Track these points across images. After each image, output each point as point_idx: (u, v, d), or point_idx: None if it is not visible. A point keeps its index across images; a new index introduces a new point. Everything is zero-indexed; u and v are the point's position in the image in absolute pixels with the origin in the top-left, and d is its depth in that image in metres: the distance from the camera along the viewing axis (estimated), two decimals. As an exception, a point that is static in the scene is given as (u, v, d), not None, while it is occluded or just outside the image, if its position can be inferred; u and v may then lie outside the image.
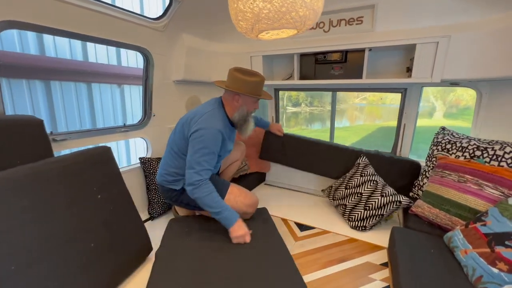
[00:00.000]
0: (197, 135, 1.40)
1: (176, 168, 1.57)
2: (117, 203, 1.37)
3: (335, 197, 2.07)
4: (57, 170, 1.12)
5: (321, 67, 2.08)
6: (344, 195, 1.98)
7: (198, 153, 1.39)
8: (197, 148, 1.39)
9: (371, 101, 10.40)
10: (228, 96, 1.54)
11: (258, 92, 1.50)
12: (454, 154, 1.65)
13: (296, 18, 0.77)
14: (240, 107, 1.52)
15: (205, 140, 1.39)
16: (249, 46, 2.25)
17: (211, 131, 1.40)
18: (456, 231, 1.32)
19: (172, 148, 1.57)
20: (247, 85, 1.45)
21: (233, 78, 1.48)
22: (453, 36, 1.54)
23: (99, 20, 1.49)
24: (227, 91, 1.52)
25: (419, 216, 1.62)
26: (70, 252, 1.08)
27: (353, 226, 1.84)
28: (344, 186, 2.02)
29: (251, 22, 0.80)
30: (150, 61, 1.91)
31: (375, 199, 1.79)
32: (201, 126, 1.40)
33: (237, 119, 1.55)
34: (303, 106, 10.59)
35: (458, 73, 1.60)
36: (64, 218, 1.09)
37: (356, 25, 1.86)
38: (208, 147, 1.40)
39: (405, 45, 1.72)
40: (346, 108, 11.36)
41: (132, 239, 1.40)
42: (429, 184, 1.64)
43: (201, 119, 1.43)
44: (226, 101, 1.55)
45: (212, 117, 1.45)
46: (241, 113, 1.53)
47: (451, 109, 9.03)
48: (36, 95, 2.56)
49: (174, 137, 1.58)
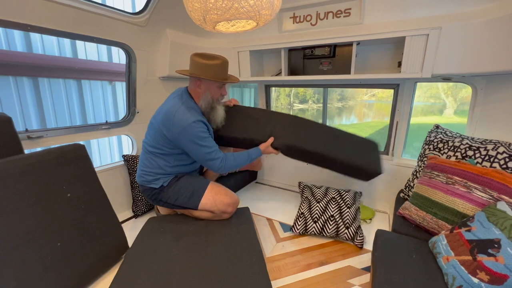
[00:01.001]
0: (185, 134, 1.38)
1: (153, 167, 1.55)
2: (89, 202, 1.36)
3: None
4: (19, 168, 1.10)
5: (310, 62, 2.00)
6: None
7: (200, 146, 1.41)
8: (196, 146, 1.40)
9: (380, 97, 10.17)
10: (191, 82, 1.49)
11: (221, 76, 1.42)
12: (446, 154, 1.55)
13: (247, 7, 0.71)
14: (204, 94, 1.45)
15: (194, 135, 1.38)
16: (236, 41, 2.19)
17: (192, 126, 1.37)
18: (440, 235, 1.24)
19: (147, 149, 1.55)
20: (208, 69, 1.37)
21: (193, 63, 1.40)
22: (444, 27, 1.43)
23: (75, 15, 1.46)
24: (191, 78, 1.47)
25: (407, 219, 1.54)
26: (32, 252, 1.06)
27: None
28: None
29: (201, 12, 0.75)
30: (132, 57, 1.88)
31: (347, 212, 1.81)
32: (183, 126, 1.36)
33: (204, 108, 1.49)
34: (310, 103, 10.47)
35: (450, 68, 1.50)
36: (26, 217, 1.08)
37: (344, 18, 1.77)
38: (201, 136, 1.40)
39: (395, 38, 1.62)
40: (355, 105, 11.15)
41: (105, 238, 1.38)
42: (417, 185, 1.55)
43: (175, 119, 1.37)
44: (191, 90, 1.51)
45: (186, 111, 1.39)
46: (205, 100, 1.46)
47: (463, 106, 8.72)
48: (23, 92, 2.58)
49: (149, 137, 1.55)
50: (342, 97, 10.51)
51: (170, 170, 1.56)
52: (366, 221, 1.94)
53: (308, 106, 10.64)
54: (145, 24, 1.82)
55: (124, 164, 2.00)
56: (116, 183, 1.97)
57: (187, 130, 1.37)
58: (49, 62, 2.74)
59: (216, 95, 1.49)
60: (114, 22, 1.64)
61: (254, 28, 0.98)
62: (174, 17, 1.94)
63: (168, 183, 1.56)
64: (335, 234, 1.71)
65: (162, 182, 1.56)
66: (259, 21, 0.84)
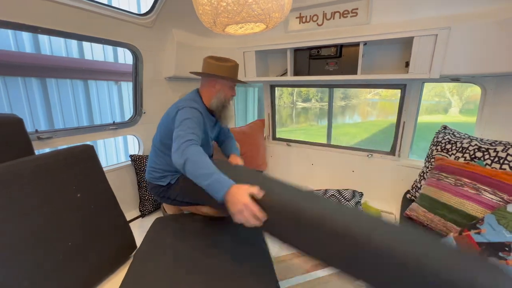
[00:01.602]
0: (177, 115, 1.35)
1: (161, 164, 1.57)
2: (99, 202, 1.37)
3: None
4: (30, 169, 1.11)
5: (316, 62, 1.99)
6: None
7: (181, 125, 1.26)
8: (178, 123, 1.28)
9: (384, 96, 10.10)
10: (204, 82, 1.54)
11: (234, 76, 1.51)
12: (454, 155, 1.54)
13: (258, 10, 0.71)
14: (218, 93, 1.51)
15: (184, 114, 1.32)
16: (242, 41, 2.19)
17: (187, 108, 1.37)
18: (449, 238, 1.24)
19: (156, 145, 1.58)
20: (223, 69, 1.45)
21: (208, 65, 1.48)
22: (454, 27, 1.42)
23: (82, 17, 1.47)
24: (204, 78, 1.53)
25: (414, 220, 1.53)
26: (44, 252, 1.08)
27: None
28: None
29: (212, 15, 0.75)
30: (139, 57, 1.89)
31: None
32: (178, 107, 1.39)
33: (215, 105, 1.52)
34: (313, 102, 10.44)
35: (459, 68, 1.48)
36: (37, 217, 1.09)
37: (351, 18, 1.76)
38: (189, 117, 1.30)
39: (403, 39, 1.61)
40: (358, 104, 11.09)
41: (114, 238, 1.39)
42: (425, 186, 1.54)
43: (179, 103, 1.44)
44: (203, 89, 1.55)
45: (188, 100, 1.45)
46: (219, 98, 1.51)
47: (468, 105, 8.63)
48: (32, 92, 2.61)
49: (158, 134, 1.58)
50: (345, 96, 10.46)
51: (175, 168, 1.57)
52: None
53: (311, 104, 10.61)
54: (152, 25, 1.83)
55: (131, 164, 2.02)
56: (124, 182, 1.99)
57: (180, 112, 1.35)
58: (56, 62, 2.77)
59: (228, 95, 1.55)
60: (121, 23, 1.65)
61: (263, 31, 0.98)
62: (181, 18, 1.95)
63: (175, 181, 1.57)
64: None
65: (169, 179, 1.57)
66: (269, 24, 0.84)
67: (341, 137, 8.53)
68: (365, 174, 2.25)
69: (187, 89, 2.43)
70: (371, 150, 2.22)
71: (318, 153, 2.44)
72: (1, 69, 2.36)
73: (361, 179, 2.28)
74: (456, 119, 8.61)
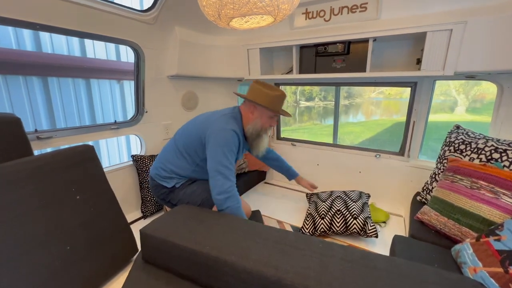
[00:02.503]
0: (216, 137, 1.32)
1: (174, 165, 1.51)
2: (99, 204, 1.33)
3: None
4: (28, 171, 1.08)
5: (322, 59, 1.93)
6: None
7: (222, 156, 1.29)
8: (220, 151, 1.30)
9: (389, 95, 9.97)
10: (245, 107, 1.47)
11: (275, 106, 1.42)
12: (468, 156, 1.47)
13: (266, 1, 0.65)
14: (255, 120, 1.44)
15: (224, 141, 1.32)
16: (246, 38, 2.13)
17: (228, 132, 1.33)
18: (465, 244, 1.17)
19: (177, 145, 1.51)
20: (265, 97, 1.38)
21: (252, 89, 1.43)
22: (470, 21, 1.34)
23: (82, 13, 1.42)
24: (245, 102, 1.47)
25: (426, 224, 1.47)
26: (42, 256, 1.04)
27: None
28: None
29: (216, 7, 0.70)
30: (141, 55, 1.84)
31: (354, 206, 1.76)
32: (218, 127, 1.34)
33: (250, 132, 1.46)
34: (316, 101, 10.34)
35: (475, 65, 1.41)
36: (35, 220, 1.06)
37: (360, 13, 1.69)
38: (229, 146, 1.32)
39: (415, 34, 1.54)
40: (362, 103, 10.97)
41: (115, 241, 1.36)
42: (437, 189, 1.47)
43: (217, 121, 1.38)
44: (244, 111, 1.48)
45: (229, 119, 1.40)
46: (255, 126, 1.45)
47: (475, 104, 8.49)
48: (33, 91, 2.58)
49: (183, 133, 1.51)
50: (349, 95, 10.35)
51: (188, 173, 1.51)
52: (380, 224, 1.87)
53: (314, 103, 10.51)
54: (154, 22, 1.78)
55: (133, 164, 1.98)
56: (125, 183, 1.95)
57: (221, 133, 1.32)
58: (58, 61, 2.73)
59: (266, 124, 1.47)
60: (122, 20, 1.60)
61: (270, 24, 0.93)
62: (183, 15, 1.90)
63: (180, 185, 1.52)
64: (344, 228, 1.66)
65: (175, 182, 1.51)
66: (277, 17, 0.78)
67: (345, 136, 8.43)
68: (372, 175, 2.19)
69: (190, 88, 2.39)
70: (379, 150, 2.15)
71: (324, 153, 2.38)
72: (2, 68, 2.34)
73: (368, 180, 2.21)
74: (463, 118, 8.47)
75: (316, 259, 0.91)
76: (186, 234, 1.07)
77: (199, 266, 0.99)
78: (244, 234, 1.06)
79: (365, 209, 1.75)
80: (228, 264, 0.91)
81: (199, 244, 1.01)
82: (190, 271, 1.03)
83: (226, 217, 1.21)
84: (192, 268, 1.02)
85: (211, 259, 0.95)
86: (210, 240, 1.02)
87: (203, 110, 2.56)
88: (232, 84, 2.60)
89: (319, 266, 0.87)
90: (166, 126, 2.24)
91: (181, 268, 1.06)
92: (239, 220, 1.18)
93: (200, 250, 0.98)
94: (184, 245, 1.02)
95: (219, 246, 0.98)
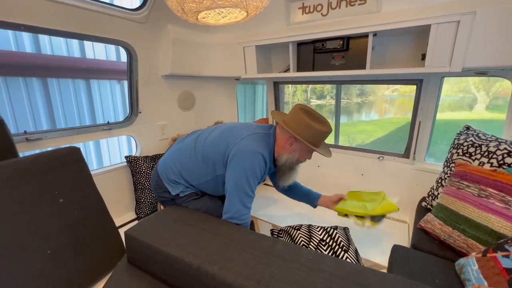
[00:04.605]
0: (241, 159, 1.17)
1: (186, 170, 1.34)
2: (84, 207, 1.31)
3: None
4: (7, 174, 1.06)
5: (320, 56, 1.83)
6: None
7: (245, 181, 1.16)
8: (244, 176, 1.16)
9: (403, 92, 9.60)
10: (282, 134, 1.27)
11: (318, 143, 1.26)
12: (478, 160, 1.34)
13: (229, -8, 0.59)
14: (293, 153, 1.27)
15: (250, 165, 1.17)
16: (241, 36, 2.06)
17: (256, 155, 1.18)
18: (470, 258, 1.06)
19: (195, 148, 1.33)
20: (310, 131, 1.20)
21: (296, 117, 1.22)
22: (480, 11, 1.21)
23: (69, 13, 1.40)
24: (283, 129, 1.26)
25: (429, 233, 1.35)
26: (20, 260, 1.03)
27: None
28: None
29: (178, 1, 0.64)
30: (133, 55, 1.81)
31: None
32: (246, 148, 1.18)
33: (283, 163, 1.29)
34: (328, 99, 10.13)
35: (485, 60, 1.27)
36: (14, 224, 1.04)
37: (359, 6, 1.58)
38: (254, 172, 1.17)
39: (418, 27, 1.41)
40: (375, 100, 10.65)
41: (100, 244, 1.33)
42: (442, 195, 1.36)
43: (246, 140, 1.21)
44: (279, 138, 1.29)
45: (260, 140, 1.23)
46: (290, 158, 1.28)
47: (496, 101, 8.03)
48: (33, 92, 2.64)
49: (207, 139, 1.32)
50: (362, 92, 10.05)
51: (196, 183, 1.35)
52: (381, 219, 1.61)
53: (325, 101, 10.29)
54: (145, 21, 1.74)
55: (127, 165, 1.96)
56: (119, 184, 1.94)
57: (249, 155, 1.17)
58: (57, 62, 2.78)
59: (302, 158, 1.31)
60: (111, 19, 1.58)
61: (246, 19, 0.86)
62: None
63: (184, 196, 1.36)
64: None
65: (180, 190, 1.35)
66: (248, 9, 0.71)
67: (357, 135, 8.20)
68: (375, 178, 2.07)
69: (185, 88, 2.34)
70: (382, 152, 2.03)
71: None
72: (2, 70, 2.40)
73: (370, 183, 2.09)
74: (482, 116, 8.03)
75: (303, 273, 0.84)
76: (172, 239, 1.03)
77: (181, 274, 0.95)
78: (231, 242, 1.01)
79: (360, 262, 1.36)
80: (209, 275, 0.86)
81: (182, 251, 0.97)
82: (172, 278, 1.00)
83: (216, 223, 1.15)
84: (174, 275, 0.98)
85: (192, 268, 0.90)
86: (194, 248, 0.98)
87: (200, 110, 2.52)
88: (229, 83, 2.54)
89: (305, 281, 0.81)
90: (162, 126, 2.21)
91: (163, 274, 1.03)
92: (228, 227, 1.13)
93: (183, 258, 0.94)
94: (167, 251, 0.98)
95: (203, 255, 0.94)
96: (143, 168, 1.95)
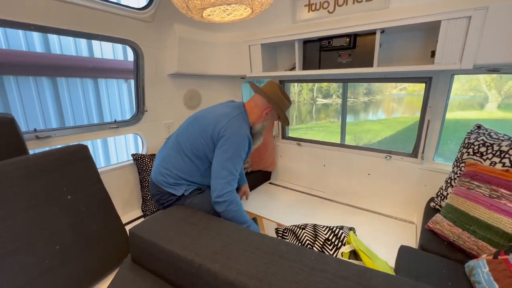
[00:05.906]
0: (229, 141, 1.28)
1: (181, 170, 1.39)
2: (91, 204, 1.33)
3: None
4: (18, 171, 1.09)
5: (327, 54, 1.81)
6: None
7: (230, 160, 1.28)
8: (228, 155, 1.28)
9: (412, 91, 9.42)
10: (259, 103, 1.44)
11: (284, 114, 1.48)
12: (490, 160, 1.30)
13: (234, -11, 0.58)
14: (265, 120, 1.47)
15: (236, 146, 1.29)
16: (247, 34, 2.05)
17: (242, 137, 1.31)
18: (480, 261, 1.03)
19: (182, 149, 1.39)
20: (283, 104, 1.44)
21: (274, 92, 1.42)
22: (492, 7, 1.18)
23: (77, 13, 1.42)
24: (260, 99, 1.44)
25: (438, 234, 1.33)
26: (29, 256, 1.05)
27: None
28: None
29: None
30: (140, 54, 1.83)
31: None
32: (233, 131, 1.30)
33: (256, 130, 1.46)
34: (334, 98, 10.05)
35: (498, 56, 1.24)
36: (24, 220, 1.06)
37: (366, 2, 1.56)
38: (239, 153, 1.30)
39: (428, 24, 1.38)
40: (382, 99, 10.50)
41: (107, 241, 1.35)
42: (452, 196, 1.32)
43: (230, 123, 1.32)
44: (253, 109, 1.44)
45: (242, 121, 1.37)
46: (264, 125, 1.48)
47: (509, 100, 7.81)
48: (43, 91, 2.70)
49: (188, 136, 1.39)
50: (369, 91, 9.91)
51: (196, 178, 1.42)
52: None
53: (332, 100, 10.20)
54: (151, 20, 1.75)
55: (133, 163, 1.98)
56: (126, 182, 1.96)
57: (236, 138, 1.29)
58: (66, 61, 2.84)
59: (269, 126, 1.54)
60: (118, 18, 1.59)
61: (251, 16, 0.85)
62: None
63: (189, 193, 1.40)
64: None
65: (183, 190, 1.39)
66: (253, 6, 0.70)
67: (363, 135, 8.09)
68: (382, 177, 2.04)
69: (191, 86, 2.35)
70: (390, 151, 2.00)
71: (330, 153, 2.26)
72: (14, 69, 2.46)
73: (377, 183, 2.06)
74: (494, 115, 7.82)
75: (306, 273, 0.84)
76: (175, 238, 1.04)
77: (183, 272, 0.96)
78: (234, 241, 1.01)
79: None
80: (211, 273, 0.87)
81: (185, 249, 0.97)
82: (174, 276, 1.00)
83: (219, 222, 1.16)
84: (176, 274, 0.99)
85: (194, 266, 0.91)
86: (197, 246, 0.98)
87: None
88: (235, 82, 2.53)
89: (307, 281, 0.80)
90: (168, 125, 2.22)
91: (166, 272, 1.04)
92: (232, 226, 1.13)
93: (185, 256, 0.94)
94: (170, 249, 0.99)
95: (205, 253, 0.94)
96: (149, 166, 1.97)
